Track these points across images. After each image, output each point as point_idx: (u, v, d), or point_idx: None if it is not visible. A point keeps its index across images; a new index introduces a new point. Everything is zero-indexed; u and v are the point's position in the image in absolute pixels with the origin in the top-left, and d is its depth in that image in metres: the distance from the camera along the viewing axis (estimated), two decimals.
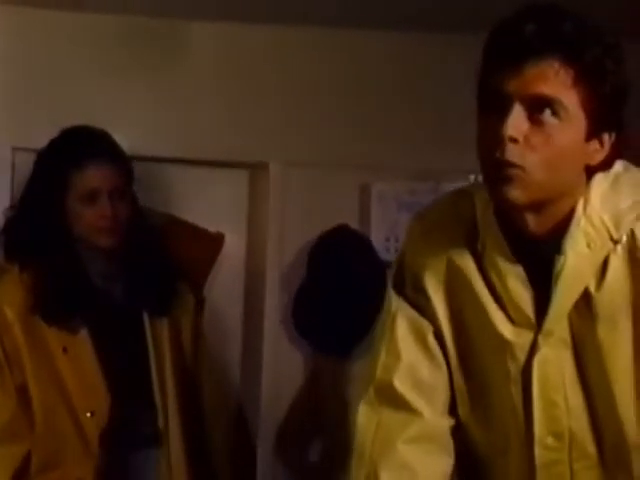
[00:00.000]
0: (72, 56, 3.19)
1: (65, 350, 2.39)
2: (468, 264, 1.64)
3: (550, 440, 1.62)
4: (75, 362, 2.40)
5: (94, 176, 2.42)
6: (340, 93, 3.34)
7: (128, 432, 2.42)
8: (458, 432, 1.73)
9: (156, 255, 2.55)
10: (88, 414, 2.38)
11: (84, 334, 2.41)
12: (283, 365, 3.29)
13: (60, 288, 2.39)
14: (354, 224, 3.35)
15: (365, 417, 1.70)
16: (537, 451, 1.63)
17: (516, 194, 1.49)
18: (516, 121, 1.47)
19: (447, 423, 1.71)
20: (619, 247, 1.56)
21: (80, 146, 2.46)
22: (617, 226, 1.56)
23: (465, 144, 1.70)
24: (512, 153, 1.47)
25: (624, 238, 1.56)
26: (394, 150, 3.33)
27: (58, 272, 2.41)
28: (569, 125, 1.50)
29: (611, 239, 1.56)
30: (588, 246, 1.56)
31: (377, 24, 3.23)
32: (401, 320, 1.71)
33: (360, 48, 3.33)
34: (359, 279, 3.22)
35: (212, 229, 2.85)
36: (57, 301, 2.39)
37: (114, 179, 2.45)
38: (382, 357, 1.71)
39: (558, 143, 1.49)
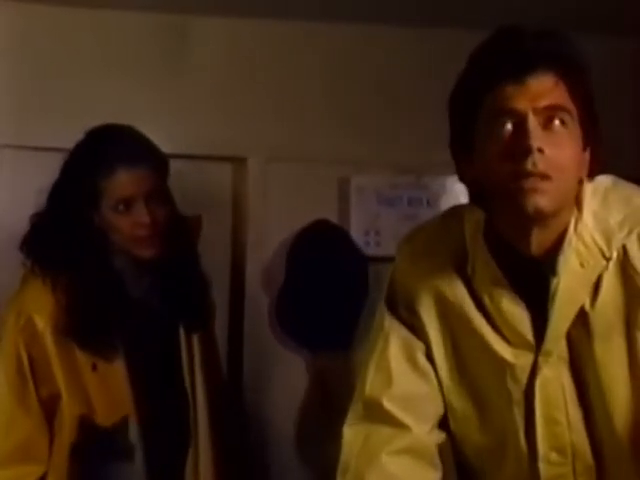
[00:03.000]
0: (64, 51, 3.16)
1: (94, 367, 2.25)
2: (458, 288, 1.65)
3: (554, 456, 1.64)
4: (104, 380, 2.27)
5: (127, 182, 2.24)
6: (319, 87, 3.32)
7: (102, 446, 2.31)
8: (450, 448, 1.73)
9: (195, 265, 2.45)
10: None
11: (118, 353, 2.28)
12: (266, 363, 3.27)
13: (94, 314, 2.24)
14: (333, 218, 3.33)
15: (352, 432, 1.71)
16: (541, 466, 1.65)
17: (544, 203, 1.50)
18: (538, 132, 1.49)
19: (435, 440, 1.72)
20: (611, 264, 1.57)
21: (109, 150, 2.27)
22: (608, 244, 1.58)
23: (446, 138, 1.70)
24: (542, 163, 1.48)
25: (615, 254, 1.57)
26: (374, 144, 3.31)
27: (92, 293, 2.25)
28: (574, 134, 1.54)
29: (603, 257, 1.57)
30: (581, 265, 1.57)
31: (358, 19, 3.20)
32: (393, 339, 1.73)
33: (340, 43, 3.30)
34: (341, 273, 3.21)
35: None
36: (90, 327, 2.24)
37: (149, 182, 2.28)
38: (372, 374, 1.73)
39: (569, 151, 1.53)
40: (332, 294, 3.18)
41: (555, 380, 1.61)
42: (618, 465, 1.63)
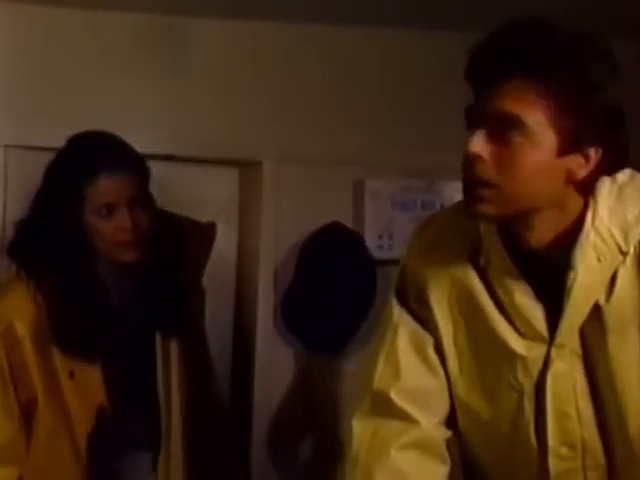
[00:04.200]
0: (65, 52, 3.15)
1: (72, 375, 2.29)
2: (472, 279, 1.65)
3: (564, 450, 1.64)
4: (81, 387, 2.31)
5: (110, 188, 2.29)
6: (333, 90, 3.31)
7: (116, 437, 2.35)
8: (459, 443, 1.74)
9: (176, 272, 2.46)
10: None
11: (98, 358, 2.31)
12: (275, 363, 3.27)
13: (75, 319, 2.28)
14: (348, 221, 3.32)
15: (361, 426, 1.72)
16: (551, 461, 1.65)
17: (484, 210, 1.52)
18: (479, 139, 1.51)
19: (443, 434, 1.73)
20: (628, 259, 1.57)
21: (92, 156, 2.32)
22: (625, 238, 1.57)
23: (459, 141, 1.69)
24: (482, 171, 1.51)
25: (632, 249, 1.57)
26: (388, 147, 3.29)
27: (75, 297, 2.29)
28: (536, 142, 1.50)
29: (620, 252, 1.57)
30: (598, 260, 1.56)
31: (369, 21, 3.20)
32: (403, 332, 1.73)
33: (354, 45, 3.29)
34: (349, 277, 3.21)
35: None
36: (72, 331, 2.28)
37: (131, 188, 2.33)
38: (380, 367, 1.73)
39: (526, 160, 1.50)
40: (338, 297, 3.18)
41: (567, 373, 1.61)
42: (629, 463, 1.63)
